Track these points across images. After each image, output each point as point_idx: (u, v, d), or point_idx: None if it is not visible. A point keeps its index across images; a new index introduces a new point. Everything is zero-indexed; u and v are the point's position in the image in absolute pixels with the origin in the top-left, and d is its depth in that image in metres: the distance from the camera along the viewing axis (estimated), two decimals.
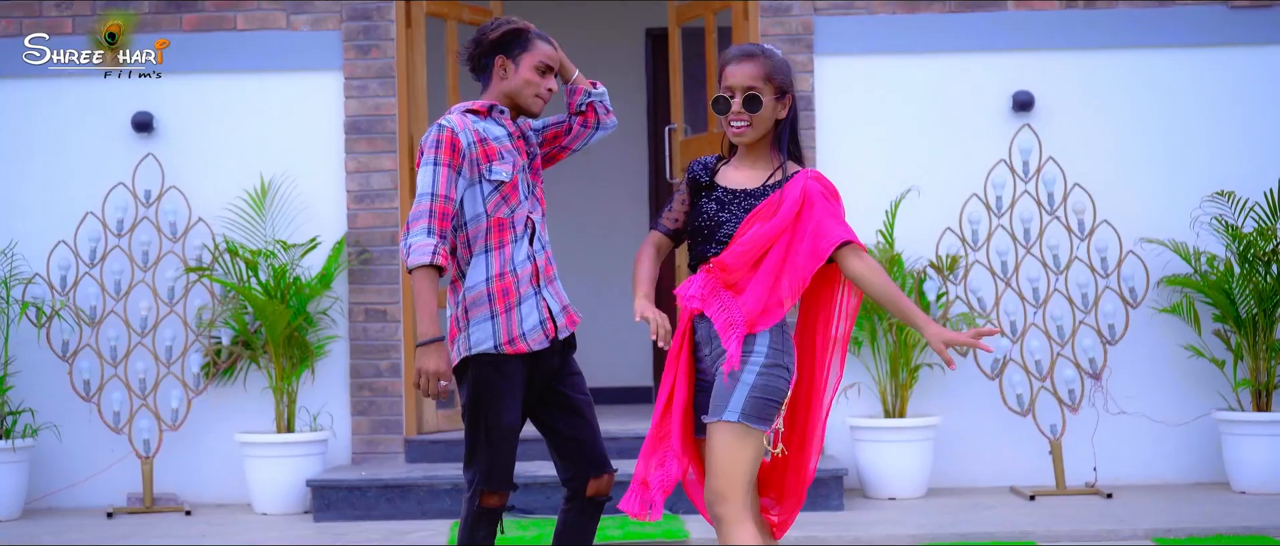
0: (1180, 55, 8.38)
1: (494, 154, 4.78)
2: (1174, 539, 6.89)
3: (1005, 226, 8.27)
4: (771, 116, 4.48)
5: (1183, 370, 8.31)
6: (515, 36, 4.85)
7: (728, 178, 4.56)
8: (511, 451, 4.77)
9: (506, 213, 4.78)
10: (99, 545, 7.18)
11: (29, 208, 8.38)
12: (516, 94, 4.86)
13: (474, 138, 4.74)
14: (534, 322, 4.77)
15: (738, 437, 4.31)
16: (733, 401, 4.31)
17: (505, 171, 4.77)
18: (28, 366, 8.27)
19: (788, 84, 4.51)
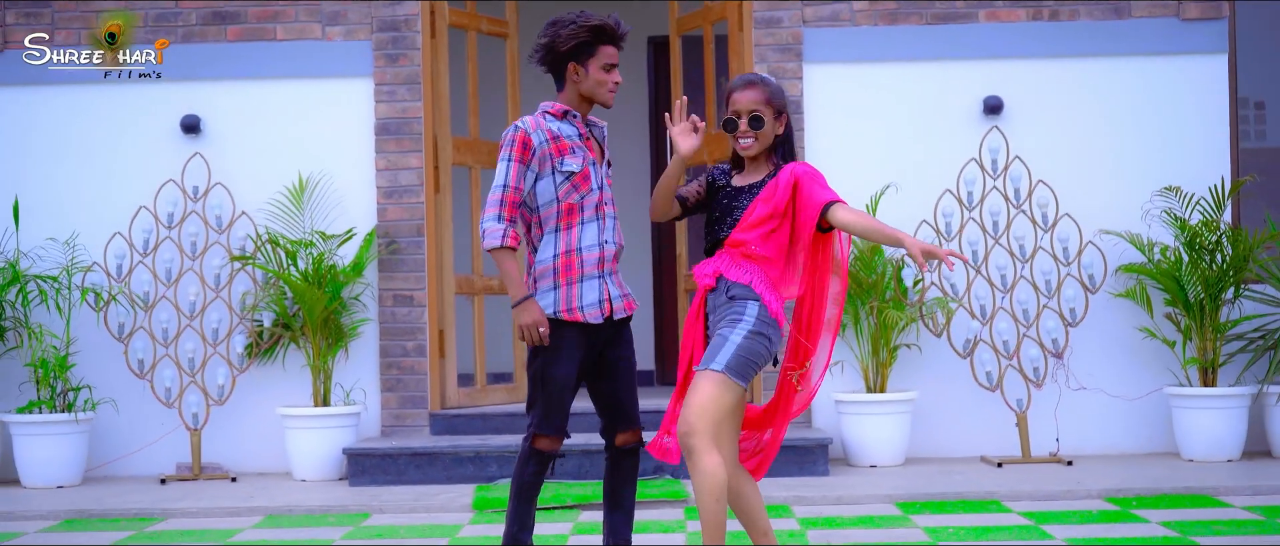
0: (1135, 63, 9.10)
1: (566, 149, 5.41)
2: (1124, 497, 7.65)
3: (976, 219, 9.01)
4: (772, 133, 5.24)
5: (1137, 350, 9.05)
6: (583, 45, 5.43)
7: (735, 180, 5.34)
8: (563, 402, 5.42)
9: (577, 199, 5.42)
10: (156, 507, 7.93)
11: (88, 202, 9.12)
12: (591, 93, 5.47)
13: (546, 136, 5.41)
14: (593, 299, 5.41)
15: (718, 386, 5.04)
16: (721, 356, 5.04)
17: (576, 163, 5.40)
18: (87, 347, 9.03)
19: (783, 105, 5.28)
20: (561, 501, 7.71)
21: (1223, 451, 8.63)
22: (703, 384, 5.06)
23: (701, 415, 5.04)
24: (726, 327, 5.12)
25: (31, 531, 7.47)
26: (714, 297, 5.22)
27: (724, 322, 5.14)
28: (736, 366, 5.05)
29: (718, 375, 5.05)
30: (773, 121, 5.25)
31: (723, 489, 5.04)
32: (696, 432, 5.03)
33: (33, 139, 9.17)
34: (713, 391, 5.05)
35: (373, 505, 7.85)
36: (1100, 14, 9.08)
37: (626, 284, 5.60)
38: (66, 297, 8.91)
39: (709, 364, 5.07)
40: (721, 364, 5.04)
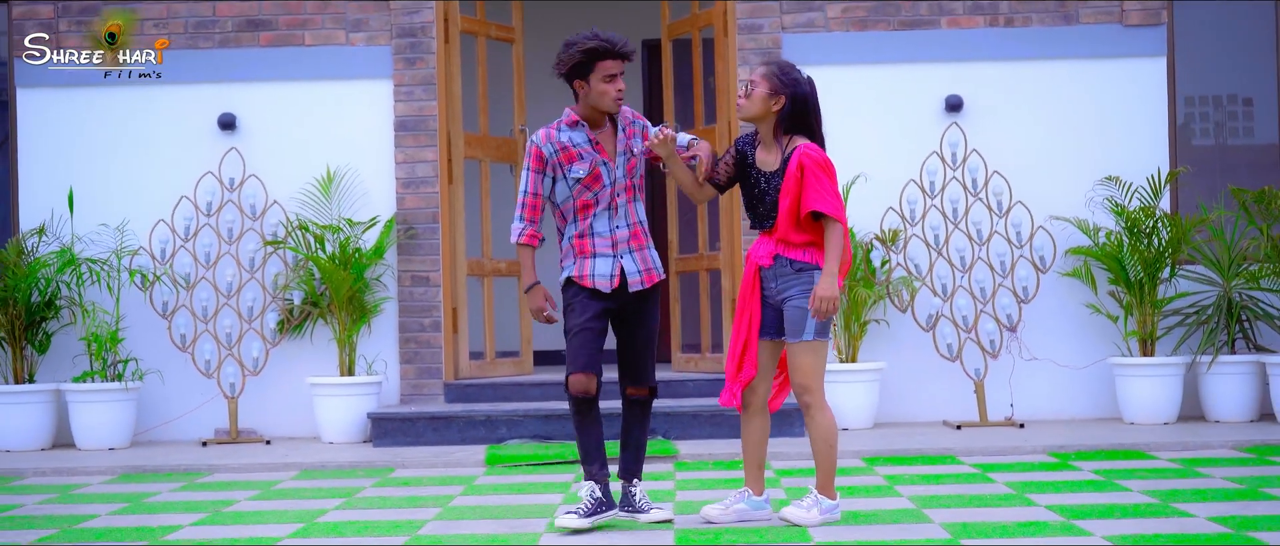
0: (1082, 65, 10.01)
1: (574, 157, 6.25)
2: (1065, 452, 8.58)
3: (937, 206, 9.93)
4: (764, 105, 6.13)
5: (1083, 324, 9.98)
6: (579, 65, 6.24)
7: (759, 159, 6.22)
8: (581, 344, 6.25)
9: (590, 197, 6.26)
10: (201, 464, 8.86)
11: (135, 192, 10.04)
12: (596, 104, 6.26)
13: (556, 146, 6.27)
14: (604, 272, 6.28)
15: (813, 351, 6.13)
16: (807, 326, 6.10)
17: (583, 169, 6.22)
18: (135, 323, 9.96)
19: (781, 89, 6.13)
20: (562, 456, 8.65)
21: (1160, 415, 9.54)
22: (800, 353, 6.11)
23: (811, 376, 6.13)
24: (801, 299, 6.11)
25: (94, 482, 8.41)
26: (774, 270, 6.18)
27: (798, 294, 6.13)
28: (820, 330, 6.12)
29: (810, 343, 6.11)
30: (765, 97, 6.13)
31: (836, 437, 6.19)
32: (811, 391, 6.14)
33: (85, 135, 10.10)
34: (810, 356, 6.12)
35: (396, 461, 8.78)
36: (1050, 20, 9.98)
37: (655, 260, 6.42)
38: (116, 278, 9.82)
39: (799, 336, 6.10)
40: (811, 334, 6.11)
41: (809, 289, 6.12)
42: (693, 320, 10.56)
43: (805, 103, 6.17)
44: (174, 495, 7.83)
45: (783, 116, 6.16)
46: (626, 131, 6.36)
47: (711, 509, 6.37)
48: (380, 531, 6.47)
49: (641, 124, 6.42)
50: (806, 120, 6.19)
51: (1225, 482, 7.29)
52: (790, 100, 6.14)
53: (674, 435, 9.25)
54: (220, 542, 6.28)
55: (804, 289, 6.13)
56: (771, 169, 6.19)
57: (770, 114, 6.17)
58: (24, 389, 9.61)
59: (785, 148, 6.18)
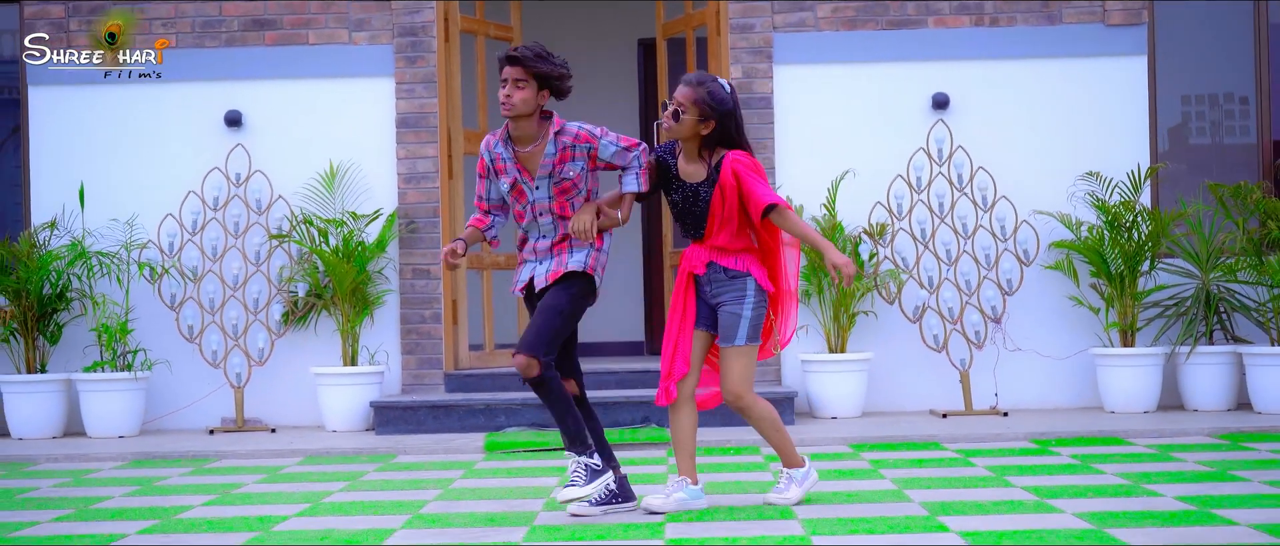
0: (1065, 64, 10.28)
1: (502, 170, 6.39)
2: (1045, 439, 8.86)
3: (924, 201, 10.21)
4: (692, 129, 6.21)
5: (1066, 315, 10.26)
6: None
7: (682, 170, 6.32)
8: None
9: (518, 209, 6.41)
10: (209, 450, 9.13)
11: (143, 187, 10.31)
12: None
13: (493, 156, 6.41)
14: (523, 278, 6.47)
15: (745, 355, 6.31)
16: (739, 331, 6.27)
17: (505, 183, 6.38)
18: (144, 315, 10.23)
19: (711, 114, 6.19)
20: (559, 443, 8.91)
21: (1140, 404, 9.81)
22: (733, 357, 6.31)
23: (742, 381, 6.34)
24: (734, 305, 6.28)
25: (106, 467, 8.69)
26: (708, 276, 6.34)
27: (730, 300, 6.29)
28: (751, 334, 6.31)
29: (744, 347, 6.31)
30: (695, 121, 6.20)
31: (778, 418, 6.47)
32: (743, 396, 6.35)
33: (95, 132, 10.38)
34: (742, 360, 6.32)
35: (398, 448, 9.06)
36: (1035, 20, 10.26)
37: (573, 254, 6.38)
38: (125, 271, 10.10)
39: (733, 341, 6.30)
40: (743, 339, 6.30)
41: (742, 296, 6.30)
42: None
43: (732, 120, 6.25)
44: (184, 479, 8.11)
45: (710, 138, 6.26)
46: (562, 156, 6.35)
47: (652, 498, 6.41)
48: (384, 510, 6.75)
49: (586, 146, 6.36)
50: (731, 135, 6.27)
51: (1197, 466, 7.57)
52: (719, 123, 6.22)
53: (668, 423, 9.50)
54: (231, 520, 6.56)
55: (737, 296, 6.30)
56: (698, 180, 6.28)
57: (698, 136, 6.25)
58: (36, 378, 9.89)
59: (711, 160, 6.28)
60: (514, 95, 6.25)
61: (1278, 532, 5.57)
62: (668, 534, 5.93)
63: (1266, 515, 5.98)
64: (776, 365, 10.16)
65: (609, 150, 6.40)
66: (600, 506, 6.40)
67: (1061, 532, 5.69)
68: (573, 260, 6.36)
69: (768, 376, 10.15)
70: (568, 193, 6.37)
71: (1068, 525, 5.86)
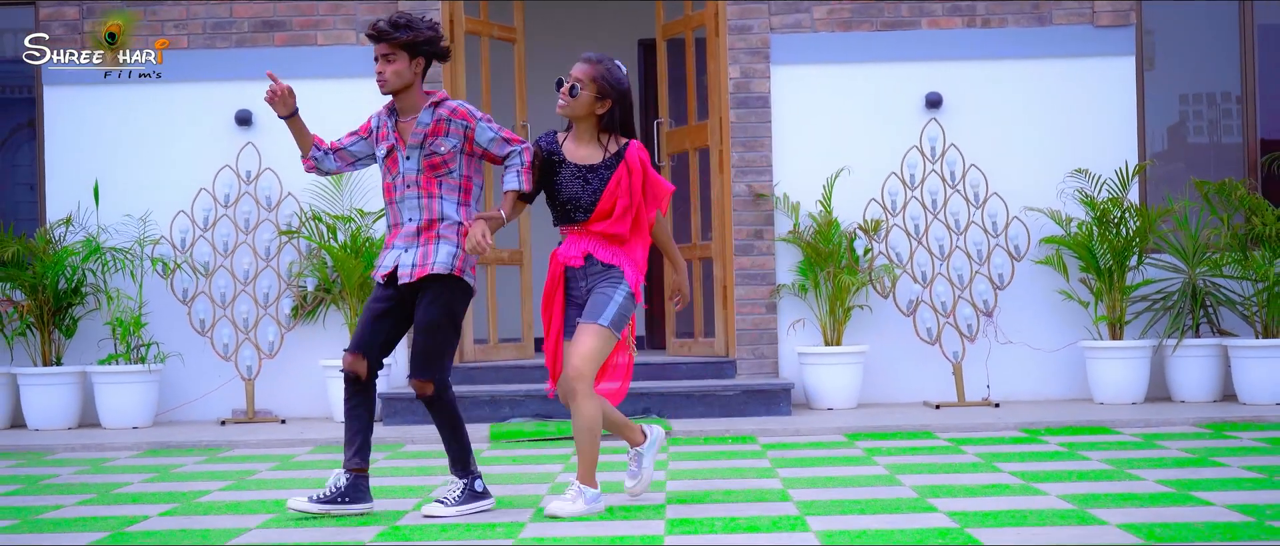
0: (1055, 64, 10.53)
1: (383, 136, 6.29)
2: (1036, 428, 9.12)
3: (917, 198, 10.46)
4: (588, 107, 6.07)
5: (1056, 309, 10.50)
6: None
7: (572, 153, 6.14)
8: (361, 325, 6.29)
9: (389, 179, 6.27)
10: (222, 440, 9.38)
11: (156, 184, 10.56)
12: None
13: (380, 122, 6.31)
14: (384, 265, 6.27)
15: (601, 338, 6.03)
16: (605, 312, 6.04)
17: (383, 149, 6.26)
18: (157, 309, 10.49)
19: (608, 92, 6.07)
20: (562, 432, 9.18)
21: (1128, 395, 10.06)
22: (588, 336, 6.02)
23: (587, 361, 6.00)
24: (608, 287, 6.09)
25: (122, 456, 8.95)
26: (583, 271, 6.16)
27: (605, 284, 6.11)
28: (616, 321, 6.07)
29: (602, 329, 6.04)
30: (592, 99, 6.07)
31: (599, 426, 6.06)
32: (582, 377, 6.01)
33: (109, 130, 10.63)
34: (596, 343, 6.02)
35: (406, 438, 9.31)
36: (1025, 22, 10.51)
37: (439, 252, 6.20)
38: (139, 266, 10.35)
39: (595, 318, 6.03)
40: (606, 319, 6.04)
41: (618, 282, 6.11)
42: (686, 307, 11.07)
43: (626, 102, 6.14)
44: (199, 467, 8.36)
45: (606, 118, 6.14)
46: (435, 128, 6.23)
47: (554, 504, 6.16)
48: (394, 494, 7.00)
49: (463, 124, 6.23)
50: (627, 118, 6.16)
51: (1180, 453, 7.83)
52: (615, 103, 6.11)
53: (668, 414, 9.77)
54: (248, 503, 6.81)
55: (614, 281, 6.11)
56: (593, 162, 6.15)
57: (594, 116, 6.14)
58: (52, 371, 10.14)
59: (609, 144, 6.16)
60: (386, 71, 6.16)
61: (1253, 512, 5.83)
62: (669, 513, 6.18)
63: (1243, 497, 6.24)
64: (774, 358, 10.41)
65: (486, 135, 6.24)
66: (322, 505, 6.26)
67: (1044, 513, 5.94)
68: (438, 259, 6.18)
69: (765, 368, 10.41)
70: (437, 169, 6.19)
71: (1051, 506, 6.12)
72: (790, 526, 5.80)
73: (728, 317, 10.58)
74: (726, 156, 10.54)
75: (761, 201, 10.42)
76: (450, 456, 6.41)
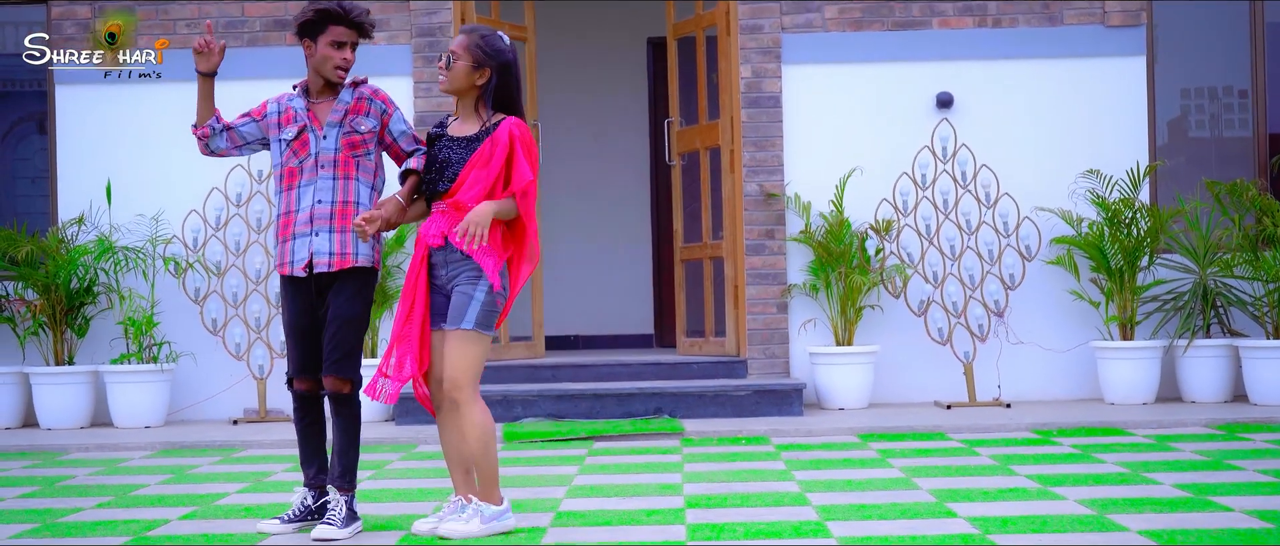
0: (1066, 64, 10.55)
1: (289, 119, 6.05)
2: (1047, 429, 9.14)
3: (929, 198, 10.48)
4: (466, 78, 5.72)
5: (1067, 309, 10.52)
6: (310, 23, 6.00)
7: (454, 129, 5.83)
8: (295, 346, 6.01)
9: (295, 163, 5.99)
10: (235, 440, 9.40)
11: (169, 184, 10.56)
12: (319, 68, 6.03)
13: (281, 107, 6.11)
14: (301, 257, 5.98)
15: (470, 340, 5.65)
16: (468, 314, 5.64)
17: (292, 131, 5.99)
18: (169, 308, 10.50)
19: (485, 61, 5.69)
20: (576, 433, 9.20)
21: (1139, 396, 10.08)
22: (456, 342, 5.66)
23: (464, 370, 5.64)
24: (468, 286, 5.69)
25: (136, 457, 8.96)
26: (444, 253, 5.75)
27: (463, 281, 5.71)
28: (483, 320, 5.68)
29: (469, 332, 5.66)
30: (469, 69, 5.71)
31: (493, 436, 5.69)
32: (462, 387, 5.64)
33: (121, 129, 10.64)
34: (468, 347, 5.66)
35: (418, 438, 9.33)
36: (1036, 22, 10.52)
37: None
38: (151, 266, 10.36)
39: (459, 323, 5.65)
40: (470, 321, 5.66)
41: (477, 278, 5.70)
42: (697, 306, 11.10)
43: (509, 72, 5.78)
44: (214, 468, 8.38)
45: (487, 89, 5.77)
46: (356, 106, 6.06)
47: (422, 523, 5.96)
48: (411, 497, 7.02)
49: (381, 106, 6.09)
50: (511, 93, 5.80)
51: (1194, 455, 7.85)
52: (496, 72, 5.76)
53: (680, 414, 9.79)
54: (266, 507, 6.83)
55: (472, 277, 5.71)
56: (468, 135, 5.80)
57: (474, 87, 5.78)
58: (65, 370, 10.16)
59: (489, 119, 5.80)
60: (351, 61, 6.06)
61: (1271, 518, 5.85)
62: (689, 518, 6.20)
63: (1261, 502, 6.26)
64: (785, 357, 10.43)
65: (400, 125, 6.11)
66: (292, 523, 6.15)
67: (1065, 518, 5.96)
68: (360, 249, 5.98)
69: (776, 368, 10.43)
70: (356, 148, 6.00)
71: (1071, 511, 6.14)
72: (812, 532, 5.82)
73: (739, 317, 10.59)
74: (738, 156, 10.56)
75: (773, 201, 10.43)
76: (341, 467, 6.03)
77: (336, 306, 5.99)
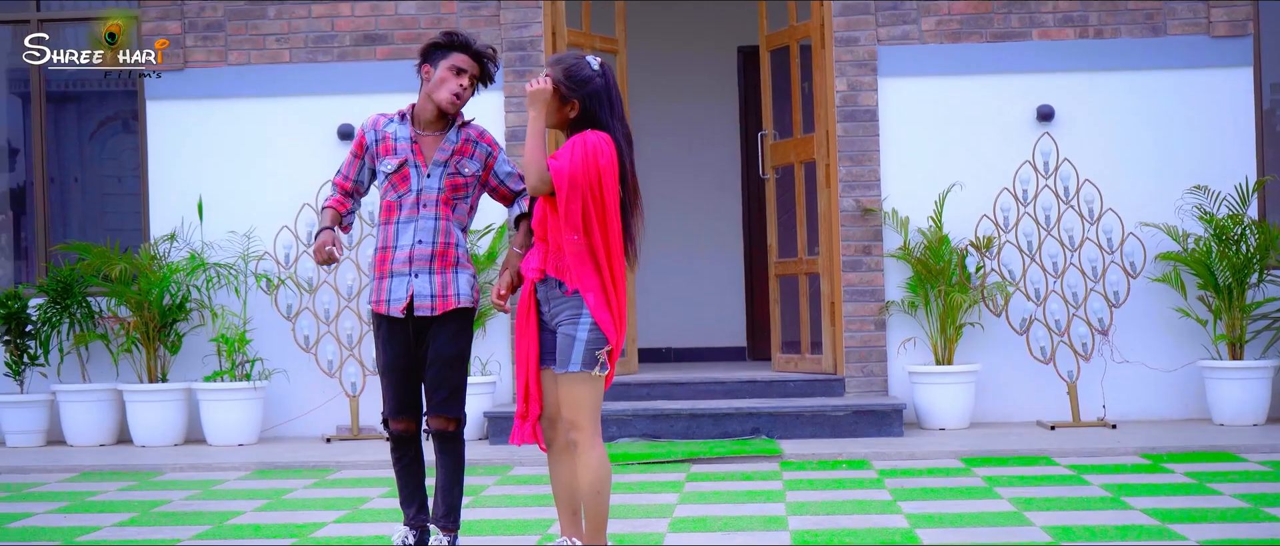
0: (1171, 76, 10.31)
1: (389, 150, 5.88)
2: (1157, 454, 8.91)
3: (1030, 214, 10.26)
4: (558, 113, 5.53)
5: (1173, 328, 10.28)
6: (434, 47, 5.89)
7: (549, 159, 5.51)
8: (391, 385, 5.91)
9: (394, 197, 5.85)
10: (329, 460, 9.33)
11: (260, 199, 10.52)
12: (433, 93, 5.86)
13: (379, 135, 5.93)
14: (399, 296, 5.87)
15: (580, 382, 5.45)
16: (573, 357, 5.45)
17: (392, 164, 5.83)
18: (261, 325, 10.46)
19: (571, 94, 5.49)
20: (673, 455, 9.07)
21: (1249, 416, 9.84)
22: (568, 385, 5.48)
23: (579, 412, 5.48)
24: (569, 326, 5.47)
25: (231, 478, 8.91)
26: (545, 289, 5.55)
27: (565, 320, 5.50)
28: (587, 360, 5.46)
29: (579, 374, 5.47)
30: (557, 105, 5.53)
31: (607, 484, 5.50)
32: (581, 428, 5.49)
33: (213, 146, 10.61)
34: (579, 389, 5.47)
35: (513, 459, 9.23)
36: (1139, 32, 10.28)
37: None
38: (243, 282, 10.33)
39: (567, 366, 5.47)
40: (576, 364, 5.46)
41: (577, 317, 5.49)
42: (792, 322, 10.94)
43: (597, 100, 5.53)
44: (309, 492, 8.31)
45: (576, 120, 5.59)
46: (460, 148, 5.93)
47: None
48: (512, 530, 6.91)
49: (486, 149, 5.99)
50: (598, 117, 5.54)
51: None
52: (583, 103, 5.53)
53: (777, 434, 9.63)
54: (365, 540, 6.73)
55: (572, 316, 5.49)
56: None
57: (567, 120, 5.60)
58: (158, 388, 10.13)
59: None
60: (467, 92, 5.92)
61: None
62: None
63: None
64: (883, 376, 10.25)
65: (505, 167, 6.03)
66: None
67: None
68: (460, 289, 5.93)
69: (874, 387, 10.25)
70: (459, 191, 5.91)
71: None
72: None
73: (836, 334, 10.42)
74: (833, 170, 10.38)
75: (869, 216, 10.25)
76: (445, 506, 5.96)
77: (438, 346, 5.91)
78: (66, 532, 7.12)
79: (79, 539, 6.96)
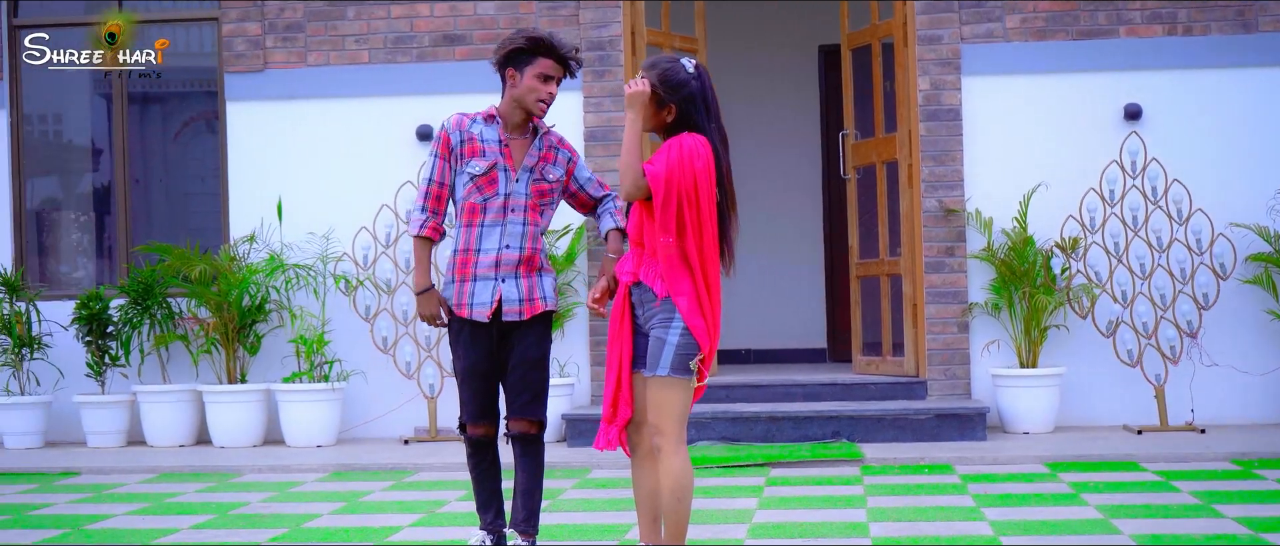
0: (1260, 73, 10.08)
1: (477, 151, 5.78)
2: (1248, 460, 8.70)
3: (1117, 214, 10.08)
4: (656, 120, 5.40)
5: (1264, 330, 10.06)
6: (519, 52, 5.76)
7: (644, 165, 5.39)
8: (471, 390, 5.84)
9: (480, 199, 5.76)
10: (407, 462, 9.30)
11: (339, 201, 10.52)
12: (521, 99, 5.78)
13: (464, 136, 5.80)
14: (483, 299, 5.79)
15: (668, 387, 5.34)
16: (662, 360, 5.33)
17: (481, 167, 5.74)
18: (340, 326, 10.45)
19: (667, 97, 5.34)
20: (753, 459, 8.97)
21: None
22: (656, 389, 5.38)
23: (665, 417, 5.37)
24: (661, 330, 5.36)
25: (308, 480, 8.90)
26: (639, 292, 5.47)
27: (657, 324, 5.38)
28: (677, 365, 5.35)
29: (667, 378, 5.36)
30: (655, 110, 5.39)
31: (689, 491, 5.40)
32: (665, 433, 5.38)
33: (292, 147, 10.62)
34: (666, 393, 5.36)
35: (591, 462, 9.15)
36: (1229, 29, 10.07)
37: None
38: (321, 284, 10.33)
39: (655, 370, 5.37)
40: (665, 368, 5.35)
41: (669, 321, 5.36)
42: (873, 322, 10.81)
43: (693, 103, 5.40)
44: (386, 494, 8.28)
45: (673, 124, 5.44)
46: (545, 154, 5.92)
47: None
48: (590, 534, 6.84)
49: (567, 155, 5.97)
50: (694, 120, 5.42)
51: None
52: (679, 106, 5.39)
53: (858, 438, 9.51)
54: (443, 545, 6.68)
55: (664, 320, 5.36)
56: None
57: (664, 124, 5.44)
58: (237, 388, 10.15)
59: None
60: (553, 98, 5.85)
61: None
62: None
63: None
64: (966, 379, 10.10)
65: (585, 173, 6.02)
66: None
67: None
68: (546, 293, 5.93)
69: (957, 390, 10.10)
70: (545, 197, 5.90)
71: None
72: None
73: (918, 336, 10.27)
74: (916, 170, 10.24)
75: (952, 217, 10.10)
76: (526, 511, 5.90)
77: (523, 349, 5.87)
78: (145, 534, 7.13)
79: (157, 540, 6.96)
